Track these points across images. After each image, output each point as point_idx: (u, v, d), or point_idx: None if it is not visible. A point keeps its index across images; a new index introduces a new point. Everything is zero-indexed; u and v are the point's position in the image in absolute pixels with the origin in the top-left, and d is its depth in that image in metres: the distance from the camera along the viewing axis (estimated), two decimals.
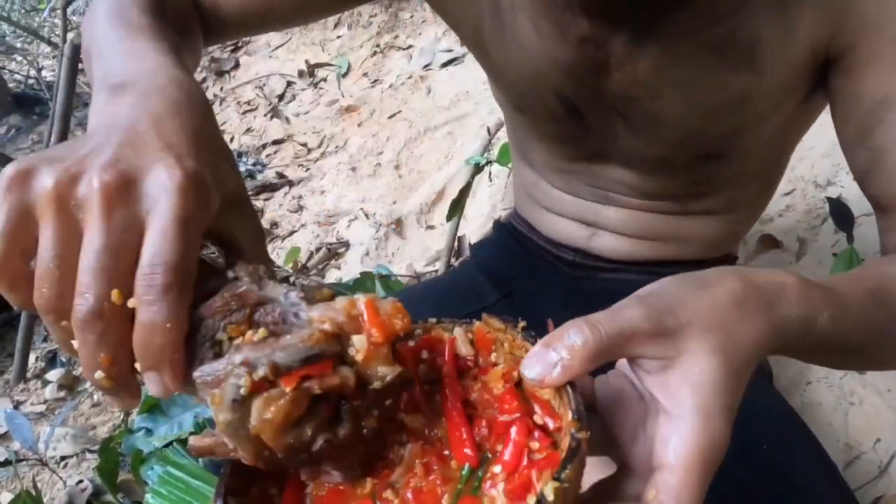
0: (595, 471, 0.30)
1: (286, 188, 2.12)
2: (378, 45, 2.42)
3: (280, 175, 2.17)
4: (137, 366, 0.29)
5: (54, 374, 1.46)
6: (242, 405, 0.27)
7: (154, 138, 0.31)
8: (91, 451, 1.26)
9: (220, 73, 2.98)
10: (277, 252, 1.75)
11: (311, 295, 0.30)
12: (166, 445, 1.05)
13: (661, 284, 0.33)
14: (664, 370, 0.30)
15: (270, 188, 2.14)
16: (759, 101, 0.53)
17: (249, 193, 2.13)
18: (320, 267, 1.66)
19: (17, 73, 3.56)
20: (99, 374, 0.29)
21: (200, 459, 1.00)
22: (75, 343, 0.28)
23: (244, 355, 0.28)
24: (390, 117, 2.12)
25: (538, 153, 0.72)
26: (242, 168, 2.29)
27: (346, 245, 1.72)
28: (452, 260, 1.41)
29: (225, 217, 0.32)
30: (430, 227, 1.69)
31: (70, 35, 2.31)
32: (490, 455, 0.31)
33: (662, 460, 0.28)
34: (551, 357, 0.29)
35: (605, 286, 0.72)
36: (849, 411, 0.99)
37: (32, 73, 3.70)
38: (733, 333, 0.30)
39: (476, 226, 1.58)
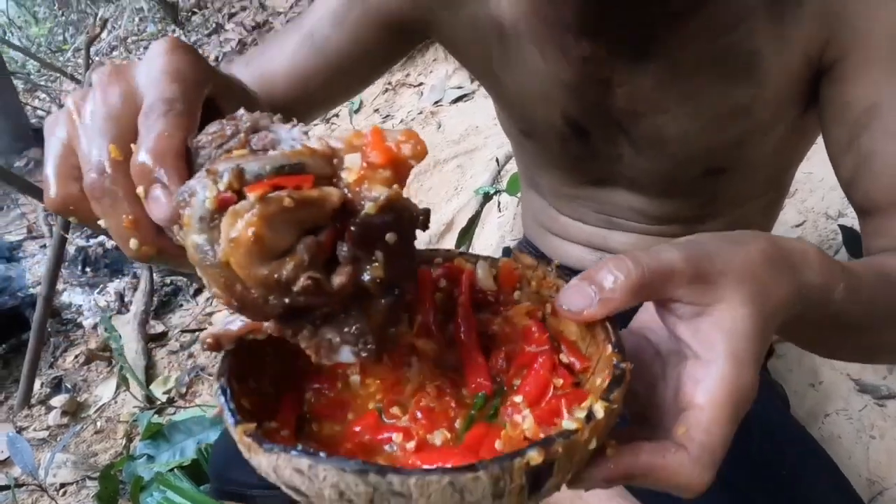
0: None
1: None
2: (390, 83, 2.49)
3: None
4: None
5: (58, 400, 1.45)
6: (210, 225, 0.24)
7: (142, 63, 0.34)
8: (91, 479, 1.24)
9: None
10: None
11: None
12: (168, 471, 1.04)
13: (698, 237, 0.33)
14: (697, 316, 0.30)
15: None
16: (760, 112, 0.55)
17: None
18: None
19: (40, 109, 3.67)
20: (133, 244, 0.29)
21: (201, 486, 0.98)
22: (102, 223, 0.30)
23: (214, 167, 0.25)
24: None
25: (546, 180, 0.73)
26: None
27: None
28: None
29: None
30: None
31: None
32: (507, 388, 0.30)
33: (693, 401, 0.28)
34: (590, 290, 0.29)
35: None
36: (869, 445, 0.96)
37: (54, 109, 3.82)
38: (765, 287, 0.31)
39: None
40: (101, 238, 2.00)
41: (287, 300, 0.25)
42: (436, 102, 2.26)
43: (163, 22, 4.27)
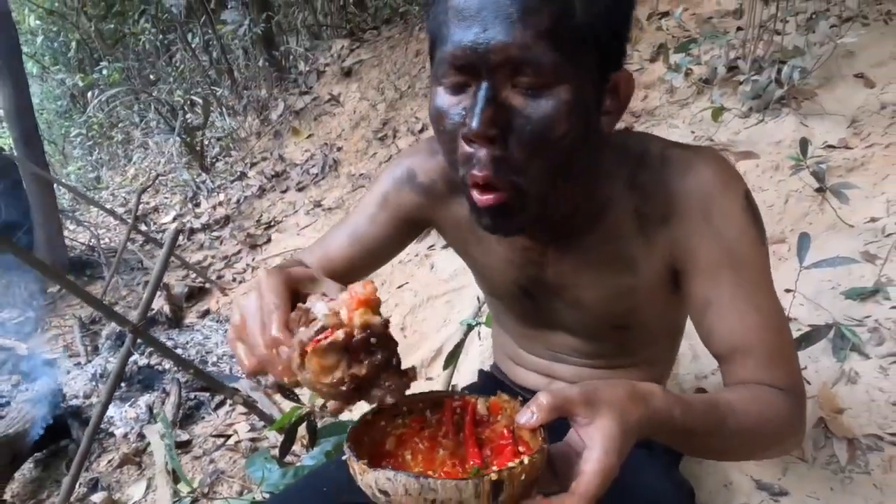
0: None
1: None
2: None
3: None
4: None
5: (98, 497, 1.66)
6: (302, 368, 0.48)
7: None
8: None
9: (254, 247, 3.47)
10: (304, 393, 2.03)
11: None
12: None
13: (591, 381, 0.54)
14: (587, 425, 0.50)
15: None
16: (641, 291, 0.76)
17: None
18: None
19: (75, 241, 4.04)
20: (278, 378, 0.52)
21: None
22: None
23: (296, 338, 0.49)
24: (399, 287, 2.49)
25: (509, 324, 0.95)
26: None
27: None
28: None
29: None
30: (430, 379, 1.99)
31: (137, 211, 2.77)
32: (489, 464, 0.55)
33: (581, 469, 0.48)
34: (529, 411, 0.51)
35: (564, 420, 1.01)
36: None
37: (84, 239, 4.19)
38: (625, 411, 0.51)
39: (468, 378, 1.88)
40: (136, 357, 2.28)
41: (344, 388, 0.48)
42: (430, 246, 2.60)
43: (189, 168, 4.80)
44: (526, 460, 0.47)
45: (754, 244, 0.69)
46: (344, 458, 0.51)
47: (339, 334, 0.48)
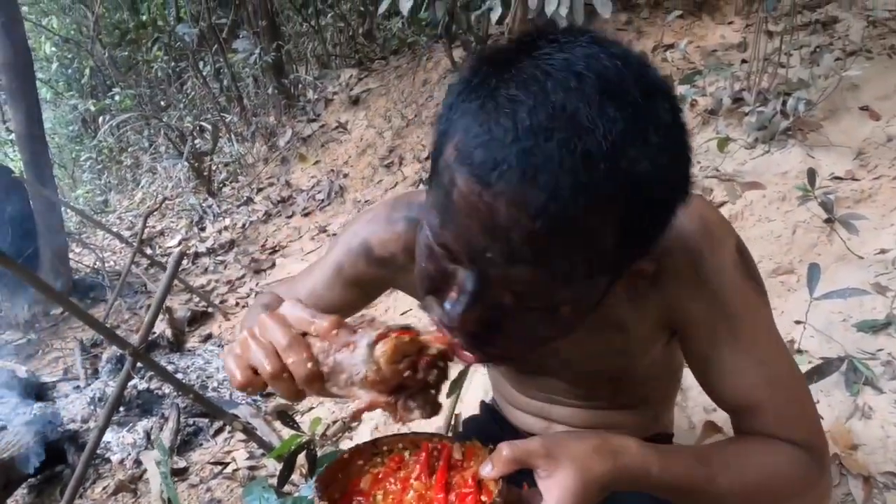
0: None
1: None
2: None
3: None
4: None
5: None
6: (371, 349, 0.50)
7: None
8: None
9: (258, 271, 3.47)
10: (304, 421, 2.00)
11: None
12: None
13: (557, 433, 0.55)
14: (548, 477, 0.52)
15: None
16: (631, 351, 0.75)
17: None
18: (334, 438, 1.89)
19: (80, 263, 4.06)
20: (290, 393, 0.52)
21: None
22: (270, 388, 0.53)
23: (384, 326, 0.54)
24: (402, 314, 2.49)
25: (506, 371, 0.94)
26: None
27: (359, 420, 1.97)
28: (449, 432, 1.66)
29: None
30: None
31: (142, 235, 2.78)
32: None
33: None
34: (492, 463, 0.54)
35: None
36: None
37: (89, 262, 4.21)
38: (587, 466, 0.52)
39: (471, 409, 1.85)
40: (135, 381, 2.26)
41: (395, 381, 0.51)
42: None
43: (196, 193, 4.84)
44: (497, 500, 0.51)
45: (750, 299, 0.66)
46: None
47: (429, 339, 0.53)
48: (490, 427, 1.05)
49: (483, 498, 0.56)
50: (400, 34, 4.64)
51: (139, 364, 1.59)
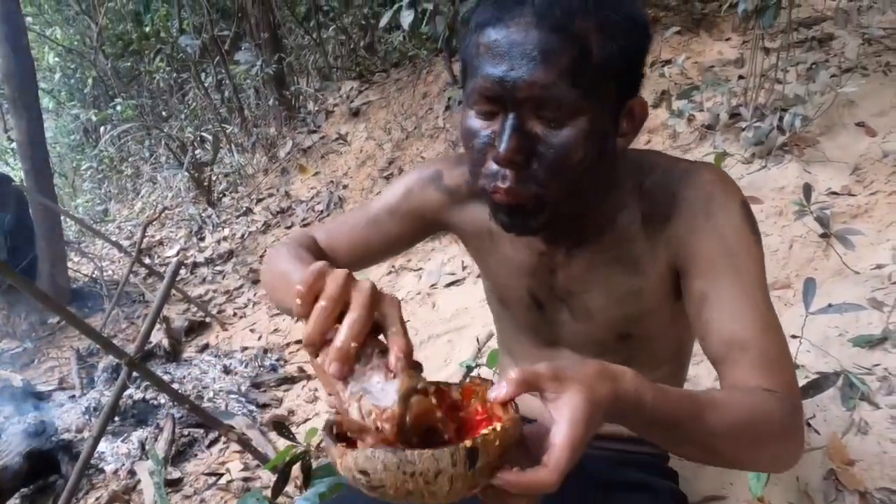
0: None
1: (304, 381, 2.41)
2: (393, 266, 2.91)
3: (300, 370, 2.48)
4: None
5: None
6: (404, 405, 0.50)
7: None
8: None
9: (256, 282, 3.46)
10: (300, 432, 1.99)
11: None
12: None
13: (562, 360, 0.59)
14: (556, 399, 0.51)
15: (290, 380, 2.44)
16: (647, 296, 0.80)
17: (272, 385, 2.37)
18: None
19: (78, 272, 4.06)
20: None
21: None
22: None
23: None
24: None
25: (515, 343, 0.97)
26: (267, 362, 2.61)
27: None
28: None
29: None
30: None
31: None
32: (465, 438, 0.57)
33: (551, 442, 0.49)
34: (503, 385, 0.52)
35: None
36: None
37: (88, 271, 4.21)
38: (593, 387, 0.52)
39: None
40: (131, 390, 2.25)
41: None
42: (432, 285, 2.63)
43: (196, 203, 4.85)
44: (499, 427, 0.49)
45: (751, 247, 0.73)
46: (322, 444, 0.52)
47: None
48: None
49: (494, 423, 0.55)
50: (400, 47, 4.68)
51: (135, 374, 1.59)
